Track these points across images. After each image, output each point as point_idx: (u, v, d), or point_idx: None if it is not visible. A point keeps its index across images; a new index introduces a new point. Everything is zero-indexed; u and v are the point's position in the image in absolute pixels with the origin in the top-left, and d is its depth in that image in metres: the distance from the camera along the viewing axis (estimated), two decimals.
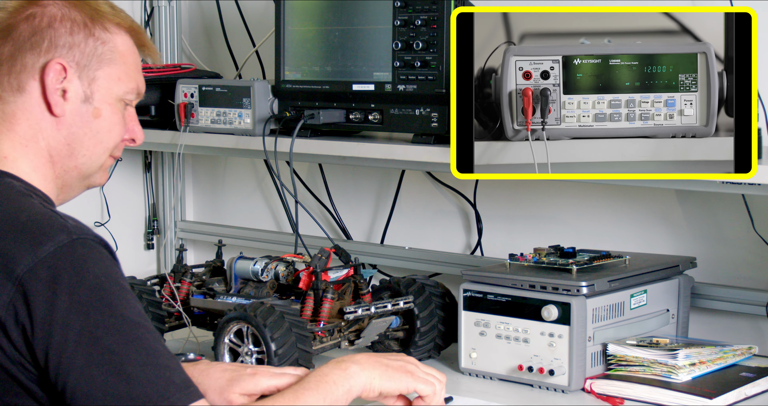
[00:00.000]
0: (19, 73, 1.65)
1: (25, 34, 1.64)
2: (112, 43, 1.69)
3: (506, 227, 2.71)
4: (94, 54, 1.67)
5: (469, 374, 2.21)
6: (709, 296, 2.35)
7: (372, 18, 2.38)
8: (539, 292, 2.10)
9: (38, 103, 1.66)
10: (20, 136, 1.66)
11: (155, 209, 3.28)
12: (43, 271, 1.47)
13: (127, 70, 1.72)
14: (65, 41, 1.65)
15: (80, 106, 1.68)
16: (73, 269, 1.48)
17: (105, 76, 1.69)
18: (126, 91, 1.72)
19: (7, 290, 1.47)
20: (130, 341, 1.47)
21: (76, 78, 1.66)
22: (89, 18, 1.67)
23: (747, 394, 2.03)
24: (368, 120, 2.43)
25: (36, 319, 1.46)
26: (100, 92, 1.69)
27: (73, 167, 1.70)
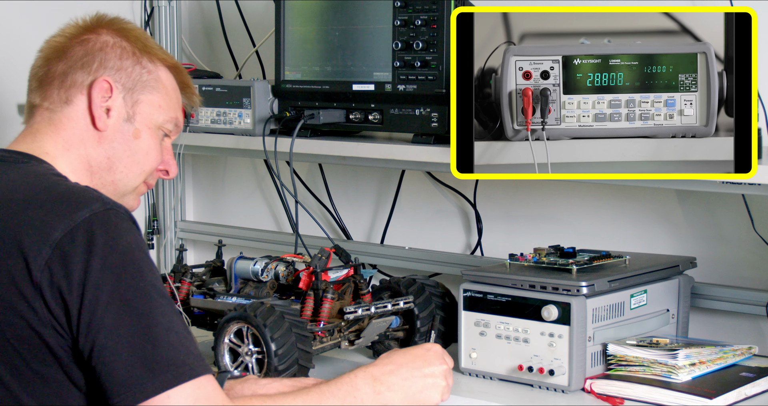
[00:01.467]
0: (69, 87, 1.79)
1: (78, 54, 1.79)
2: (156, 74, 1.83)
3: (506, 227, 2.71)
4: (139, 80, 1.81)
5: (469, 374, 2.21)
6: (709, 296, 2.35)
7: (372, 18, 2.38)
8: (539, 292, 2.10)
9: (83, 115, 1.79)
10: (64, 139, 1.79)
11: (155, 209, 3.28)
12: (80, 235, 1.56)
13: (169, 101, 1.85)
14: (114, 64, 1.80)
15: (122, 125, 1.80)
16: (107, 234, 1.57)
17: (147, 102, 1.82)
18: (165, 119, 1.85)
19: (44, 254, 1.55)
20: (157, 307, 1.57)
21: (120, 98, 1.80)
22: (138, 49, 1.82)
23: (747, 394, 2.03)
24: (368, 120, 2.43)
25: (72, 279, 1.55)
26: (142, 115, 1.82)
27: (110, 182, 1.81)
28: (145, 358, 1.53)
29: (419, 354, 1.84)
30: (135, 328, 1.54)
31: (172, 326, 1.57)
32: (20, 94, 2.95)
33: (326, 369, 2.27)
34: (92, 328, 1.54)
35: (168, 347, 1.55)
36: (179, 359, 1.55)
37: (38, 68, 1.82)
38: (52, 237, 1.56)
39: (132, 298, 1.56)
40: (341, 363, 2.32)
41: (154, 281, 1.59)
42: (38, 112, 1.81)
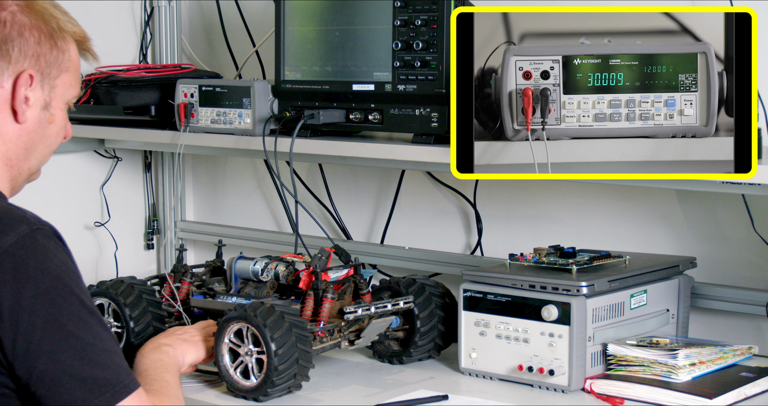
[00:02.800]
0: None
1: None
2: (69, 53, 1.77)
3: (506, 227, 2.71)
4: (55, 63, 1.74)
5: (469, 374, 2.21)
6: (709, 296, 2.35)
7: (372, 18, 2.38)
8: (539, 292, 2.10)
9: (2, 110, 1.71)
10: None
11: (155, 209, 3.28)
12: (7, 261, 1.54)
13: (77, 76, 1.80)
14: (33, 51, 1.71)
15: (39, 113, 1.74)
16: (36, 259, 1.56)
17: (61, 84, 1.76)
18: (74, 95, 1.80)
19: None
20: (89, 328, 1.58)
21: (39, 87, 1.73)
22: (53, 28, 1.73)
23: (747, 394, 2.03)
24: (368, 120, 2.43)
25: (3, 307, 1.52)
26: (56, 99, 1.76)
27: (26, 169, 1.77)
28: (85, 380, 1.56)
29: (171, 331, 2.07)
30: (72, 351, 1.56)
31: (105, 345, 1.60)
32: None
33: (326, 369, 2.27)
34: (30, 355, 1.54)
35: (104, 367, 1.58)
36: (115, 378, 1.59)
37: None
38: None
39: (67, 321, 1.56)
40: (341, 363, 2.32)
41: (85, 300, 1.59)
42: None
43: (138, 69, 2.90)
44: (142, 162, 3.28)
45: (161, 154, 3.23)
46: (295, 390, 2.11)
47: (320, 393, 2.13)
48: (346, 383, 2.20)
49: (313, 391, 2.13)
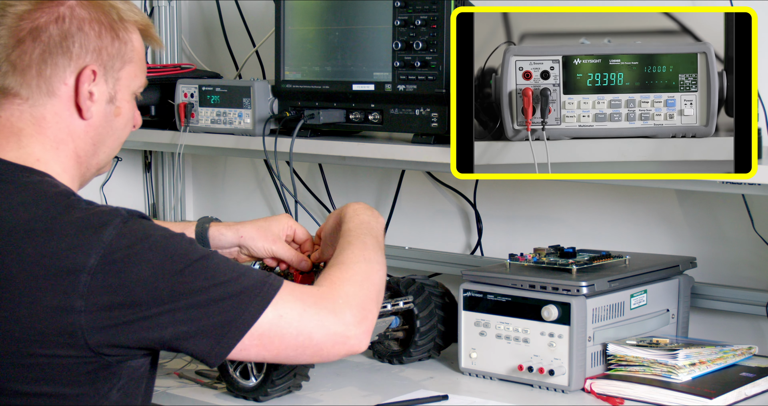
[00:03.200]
0: (50, 77, 1.67)
1: (55, 38, 1.66)
2: (132, 44, 1.74)
3: (506, 227, 2.71)
4: (117, 55, 1.72)
5: (469, 374, 2.21)
6: (709, 296, 2.35)
7: (372, 18, 2.38)
8: (539, 292, 2.10)
9: (68, 107, 1.69)
10: (51, 139, 1.69)
11: (155, 209, 3.28)
12: (116, 253, 1.55)
13: (142, 65, 1.78)
14: (94, 45, 1.68)
15: (105, 107, 1.72)
16: (139, 241, 1.57)
17: (126, 76, 1.74)
18: (140, 85, 1.78)
19: (83, 281, 1.53)
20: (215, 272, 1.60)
21: (102, 81, 1.71)
22: (114, 19, 1.71)
23: (747, 394, 2.03)
24: (368, 120, 2.43)
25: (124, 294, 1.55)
26: (121, 91, 1.74)
27: (94, 164, 1.76)
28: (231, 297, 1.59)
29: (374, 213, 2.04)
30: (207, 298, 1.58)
31: (234, 273, 1.61)
32: None
33: (326, 369, 2.27)
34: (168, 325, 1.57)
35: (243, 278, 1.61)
36: (260, 279, 1.63)
37: (10, 49, 1.66)
38: (88, 264, 1.54)
39: (190, 280, 1.58)
40: (341, 363, 2.32)
41: (193, 251, 1.61)
42: (14, 104, 1.68)
43: None
44: (142, 162, 3.28)
45: (161, 154, 3.23)
46: (295, 390, 2.11)
47: (320, 393, 2.13)
48: (346, 383, 2.20)
49: (313, 391, 2.14)
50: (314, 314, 1.65)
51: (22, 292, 1.54)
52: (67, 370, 1.57)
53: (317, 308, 1.66)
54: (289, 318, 1.63)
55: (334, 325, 1.67)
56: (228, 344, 1.60)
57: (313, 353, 1.67)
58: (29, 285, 1.54)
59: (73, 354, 1.56)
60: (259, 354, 1.64)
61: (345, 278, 1.75)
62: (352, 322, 1.68)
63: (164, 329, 1.57)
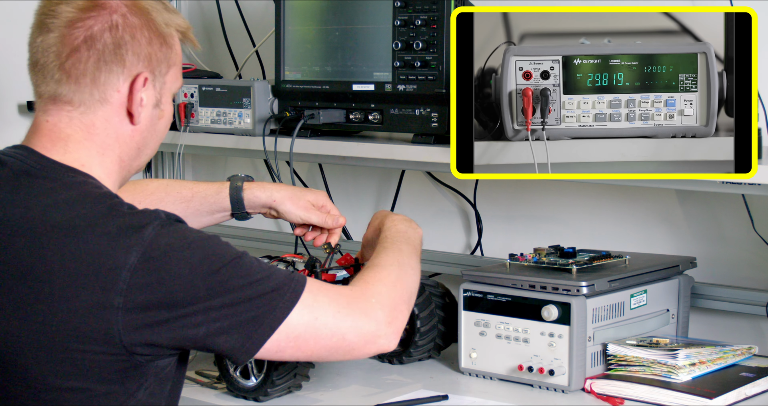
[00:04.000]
0: (104, 84, 1.68)
1: (109, 46, 1.67)
2: (175, 48, 1.77)
3: (506, 227, 2.71)
4: (164, 60, 1.74)
5: (469, 374, 2.21)
6: (709, 296, 2.35)
7: (372, 18, 2.38)
8: (539, 292, 2.10)
9: (118, 113, 1.71)
10: (97, 145, 1.71)
11: None
12: (155, 251, 1.58)
13: (181, 67, 1.80)
14: (145, 52, 1.70)
15: (151, 112, 1.75)
16: (177, 241, 1.60)
17: (170, 79, 1.77)
18: (179, 86, 1.81)
19: (124, 278, 1.56)
20: (248, 272, 1.63)
21: (151, 86, 1.73)
22: (162, 24, 1.73)
23: (747, 394, 2.03)
24: (368, 120, 2.43)
25: (163, 292, 1.57)
26: (166, 95, 1.77)
27: (136, 166, 1.79)
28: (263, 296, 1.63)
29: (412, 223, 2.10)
30: (241, 297, 1.61)
31: (264, 273, 1.64)
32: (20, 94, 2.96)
33: (326, 369, 2.27)
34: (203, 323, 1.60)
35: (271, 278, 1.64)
36: (287, 277, 1.66)
37: (64, 57, 1.66)
38: (129, 261, 1.56)
39: (226, 279, 1.61)
40: (341, 363, 2.32)
41: (228, 252, 1.64)
42: (63, 111, 1.69)
43: None
44: None
45: (161, 154, 3.23)
46: (295, 390, 2.11)
47: (320, 393, 2.13)
48: (346, 383, 2.20)
49: (313, 391, 2.14)
50: (348, 315, 1.70)
51: (62, 287, 1.57)
52: (99, 366, 1.59)
53: (350, 309, 1.71)
54: (324, 320, 1.68)
55: (367, 324, 1.71)
56: (258, 340, 1.63)
57: (345, 352, 1.72)
58: (69, 281, 1.57)
59: (107, 351, 1.58)
60: (294, 355, 1.68)
61: (378, 278, 1.80)
62: (384, 321, 1.73)
63: (198, 327, 1.60)
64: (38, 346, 1.58)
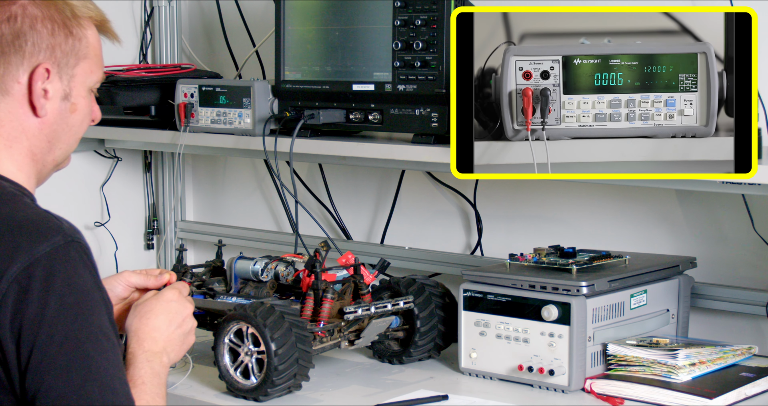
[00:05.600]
0: (2, 76, 1.67)
1: (8, 37, 1.66)
2: (87, 40, 1.73)
3: (506, 227, 2.71)
4: (71, 52, 1.70)
5: (469, 374, 2.21)
6: (709, 296, 2.35)
7: (372, 18, 2.38)
8: (539, 292, 2.10)
9: (21, 105, 1.69)
10: (4, 138, 1.69)
11: (155, 209, 3.28)
12: (39, 270, 1.52)
13: (98, 61, 1.76)
14: (47, 42, 1.68)
15: (60, 104, 1.71)
16: (66, 272, 1.53)
17: (81, 72, 1.73)
18: (96, 81, 1.76)
19: (1, 288, 1.50)
20: (103, 352, 1.55)
21: (57, 78, 1.70)
22: (67, 16, 1.69)
23: (747, 394, 2.03)
24: (368, 120, 2.43)
25: (26, 316, 1.50)
26: (77, 88, 1.73)
27: (51, 161, 1.75)
28: (93, 402, 1.51)
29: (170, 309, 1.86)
30: (84, 371, 1.52)
31: (116, 371, 1.56)
32: None
33: (326, 369, 2.27)
34: (42, 367, 1.51)
35: (112, 392, 1.54)
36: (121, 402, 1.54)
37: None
38: (10, 271, 1.51)
39: (85, 340, 1.53)
40: (341, 363, 2.32)
41: (103, 322, 1.56)
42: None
43: (138, 69, 2.90)
44: (142, 162, 3.28)
45: (161, 154, 3.23)
46: (295, 390, 2.11)
47: (320, 393, 2.13)
48: (346, 383, 2.20)
49: (313, 391, 2.14)
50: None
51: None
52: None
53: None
54: None
55: None
56: None
57: None
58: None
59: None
60: None
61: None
62: None
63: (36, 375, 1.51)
64: None
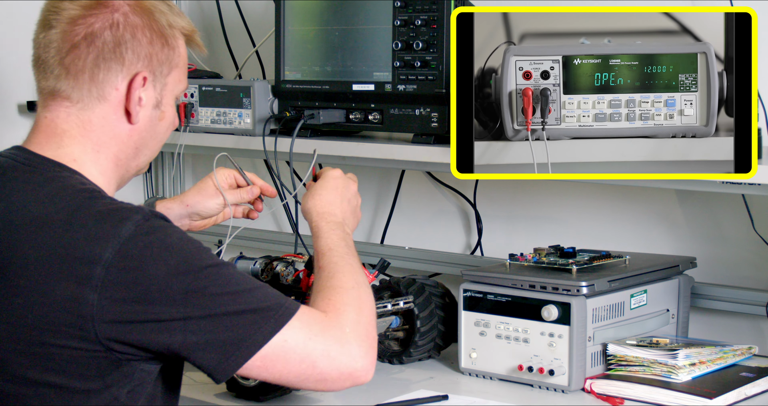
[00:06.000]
0: (102, 82, 1.70)
1: (109, 44, 1.69)
2: (179, 49, 1.77)
3: (506, 227, 2.71)
4: (166, 61, 1.74)
5: (469, 374, 2.21)
6: (709, 296, 2.36)
7: (372, 18, 2.38)
8: (539, 292, 2.10)
9: (116, 111, 1.72)
10: (93, 142, 1.72)
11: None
12: (132, 247, 1.56)
13: (185, 70, 1.81)
14: (146, 51, 1.71)
15: (151, 112, 1.75)
16: (158, 239, 1.59)
17: (171, 81, 1.77)
18: (182, 89, 1.81)
19: (97, 273, 1.54)
20: (228, 279, 1.61)
21: (151, 87, 1.73)
22: (165, 25, 1.74)
23: (747, 394, 2.03)
24: (368, 120, 2.43)
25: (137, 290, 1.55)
26: (167, 96, 1.77)
27: (134, 166, 1.79)
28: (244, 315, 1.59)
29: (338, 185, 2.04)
30: (224, 306, 1.58)
31: (249, 285, 1.62)
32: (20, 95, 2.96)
33: None
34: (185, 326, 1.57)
35: (258, 300, 1.61)
36: (275, 304, 1.62)
37: (64, 53, 1.68)
38: (105, 256, 1.55)
39: (207, 284, 1.58)
40: None
41: (212, 260, 1.61)
42: (62, 107, 1.71)
43: None
44: None
45: (161, 154, 3.23)
46: (295, 390, 2.11)
47: (320, 393, 2.13)
48: None
49: (313, 391, 2.13)
50: (320, 343, 1.65)
51: (38, 279, 1.56)
52: (77, 362, 1.58)
53: (324, 337, 1.66)
54: (293, 343, 1.63)
55: (341, 356, 1.66)
56: (236, 361, 1.60)
57: (317, 381, 1.67)
58: (45, 273, 1.56)
59: (84, 347, 1.57)
60: (261, 375, 1.63)
61: (346, 302, 1.73)
62: (359, 354, 1.68)
63: (174, 335, 1.57)
64: (17, 340, 1.58)
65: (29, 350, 1.58)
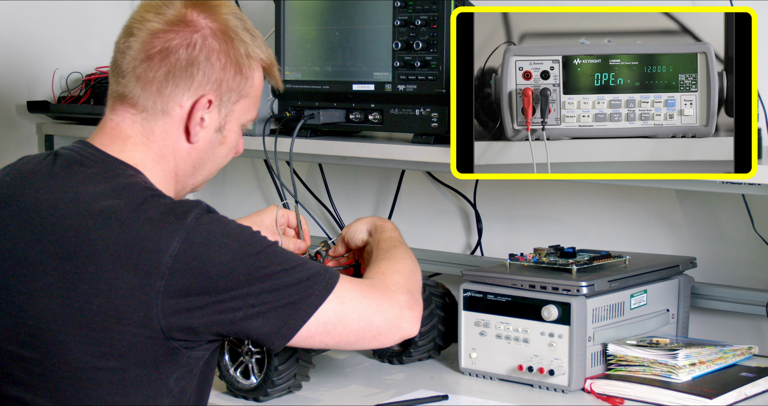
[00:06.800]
0: (168, 97, 1.74)
1: (183, 62, 1.73)
2: (252, 80, 1.81)
3: (506, 227, 2.71)
4: (236, 89, 1.79)
5: (469, 374, 2.21)
6: (709, 296, 2.36)
7: (372, 18, 2.39)
8: (539, 292, 2.10)
9: (177, 127, 1.77)
10: (154, 152, 1.77)
11: None
12: (197, 236, 1.63)
13: (257, 101, 1.85)
14: (217, 76, 1.75)
15: (212, 135, 1.80)
16: (218, 229, 1.66)
17: (239, 109, 1.81)
18: (250, 119, 1.85)
19: (166, 262, 1.61)
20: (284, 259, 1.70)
21: (216, 110, 1.78)
22: (242, 54, 1.78)
23: (747, 394, 2.03)
24: (368, 120, 2.43)
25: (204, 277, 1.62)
26: (231, 122, 1.81)
27: (190, 184, 1.84)
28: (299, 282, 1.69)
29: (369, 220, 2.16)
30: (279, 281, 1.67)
31: (299, 260, 1.71)
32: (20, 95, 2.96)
33: (326, 369, 2.27)
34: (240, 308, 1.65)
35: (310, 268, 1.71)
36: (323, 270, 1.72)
37: (138, 62, 1.74)
38: (171, 247, 1.61)
39: (264, 265, 1.66)
40: (341, 363, 2.32)
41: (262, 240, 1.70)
42: (128, 112, 1.76)
43: None
44: None
45: None
46: (295, 390, 2.11)
47: (320, 393, 2.13)
48: (346, 383, 2.20)
49: (313, 391, 2.14)
50: (372, 299, 1.77)
51: (105, 269, 1.61)
52: (136, 349, 1.63)
53: (375, 294, 1.78)
54: (351, 304, 1.74)
55: (391, 308, 1.79)
56: (294, 325, 1.69)
57: (372, 337, 1.78)
58: (112, 263, 1.61)
59: (145, 333, 1.62)
60: (323, 341, 1.73)
61: (395, 268, 1.88)
62: (406, 305, 1.81)
63: (236, 311, 1.65)
64: (78, 324, 1.62)
65: (90, 335, 1.62)
